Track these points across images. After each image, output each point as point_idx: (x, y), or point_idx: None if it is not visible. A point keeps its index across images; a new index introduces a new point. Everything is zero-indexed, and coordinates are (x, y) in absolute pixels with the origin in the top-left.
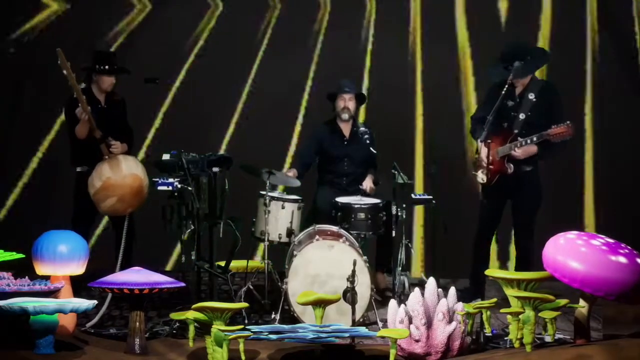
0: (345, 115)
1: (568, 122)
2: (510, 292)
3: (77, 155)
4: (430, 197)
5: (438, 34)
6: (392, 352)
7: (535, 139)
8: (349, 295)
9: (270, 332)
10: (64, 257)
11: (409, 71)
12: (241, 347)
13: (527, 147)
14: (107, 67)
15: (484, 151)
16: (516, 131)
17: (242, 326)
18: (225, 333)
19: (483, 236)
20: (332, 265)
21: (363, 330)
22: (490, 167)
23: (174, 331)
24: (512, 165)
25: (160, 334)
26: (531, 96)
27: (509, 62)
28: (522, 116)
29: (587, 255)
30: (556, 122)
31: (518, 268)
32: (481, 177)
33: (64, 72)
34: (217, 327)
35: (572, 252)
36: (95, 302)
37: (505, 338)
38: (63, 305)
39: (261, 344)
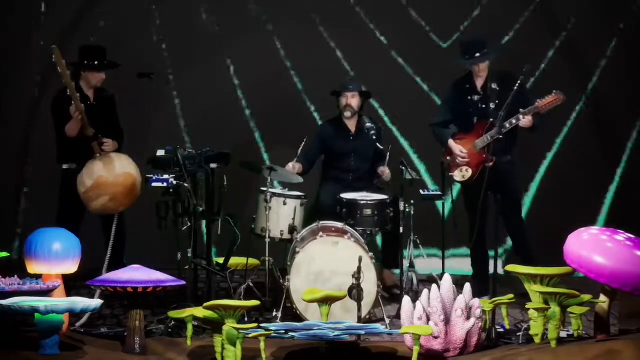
0: (347, 114)
1: (555, 90)
2: (535, 287)
3: (65, 152)
4: (440, 193)
5: None
6: (416, 349)
7: (521, 116)
8: (355, 292)
9: (286, 330)
10: (59, 255)
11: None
12: (262, 345)
13: (531, 117)
14: (96, 62)
15: (458, 148)
16: (492, 119)
17: (256, 324)
18: (241, 331)
19: (481, 233)
20: (337, 262)
21: (379, 327)
22: (469, 160)
23: (170, 330)
24: (494, 158)
25: (155, 333)
26: (494, 86)
27: (471, 53)
28: (492, 105)
29: (614, 250)
30: (529, 100)
31: (519, 249)
32: (460, 175)
33: (59, 69)
34: (231, 325)
35: (598, 248)
36: (102, 301)
37: (518, 334)
38: (74, 304)
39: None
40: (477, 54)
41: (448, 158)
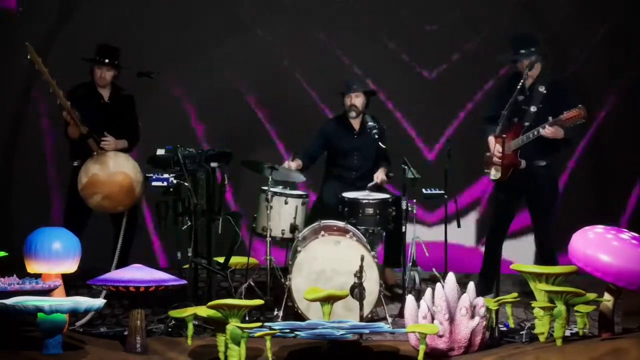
0: (352, 114)
1: (580, 105)
2: (540, 286)
3: (74, 149)
4: (442, 192)
5: None
6: (422, 348)
7: (547, 125)
8: (357, 291)
9: (291, 329)
10: (59, 254)
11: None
12: (268, 344)
13: (556, 128)
14: (97, 58)
15: (496, 147)
16: (527, 123)
17: (260, 323)
18: (245, 330)
19: (495, 232)
20: (338, 261)
21: (384, 326)
22: (503, 161)
23: (170, 329)
24: (523, 161)
25: (155, 332)
26: (541, 89)
27: (516, 48)
28: (533, 109)
29: (620, 249)
30: (569, 108)
31: (542, 255)
32: (493, 173)
33: (36, 67)
34: (235, 324)
35: (604, 246)
36: (105, 300)
37: (521, 332)
38: (78, 304)
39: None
40: (522, 50)
41: (487, 154)
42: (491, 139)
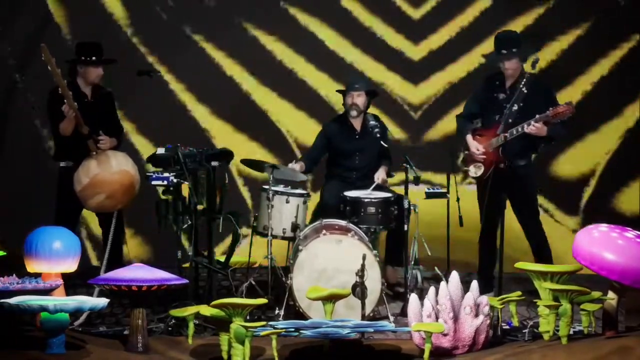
0: (353, 113)
1: (568, 101)
2: (545, 285)
3: (62, 149)
4: (445, 190)
5: None
6: (428, 347)
7: (534, 121)
8: (358, 289)
9: (296, 329)
10: (59, 253)
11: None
12: (274, 344)
13: (541, 125)
14: (94, 57)
15: (474, 145)
16: (510, 121)
17: (264, 322)
18: (250, 329)
19: (487, 231)
20: (340, 260)
21: (388, 325)
22: (484, 158)
23: (170, 328)
24: (504, 159)
25: (155, 332)
26: (523, 88)
27: (499, 49)
28: (514, 107)
29: (625, 247)
30: (552, 106)
31: (537, 253)
32: (474, 171)
33: (49, 67)
34: (239, 323)
35: (609, 245)
36: (108, 300)
37: (524, 330)
38: (82, 303)
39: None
40: (504, 51)
41: (466, 152)
42: (469, 137)
